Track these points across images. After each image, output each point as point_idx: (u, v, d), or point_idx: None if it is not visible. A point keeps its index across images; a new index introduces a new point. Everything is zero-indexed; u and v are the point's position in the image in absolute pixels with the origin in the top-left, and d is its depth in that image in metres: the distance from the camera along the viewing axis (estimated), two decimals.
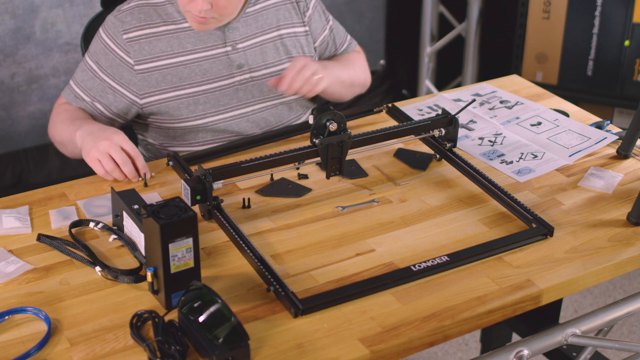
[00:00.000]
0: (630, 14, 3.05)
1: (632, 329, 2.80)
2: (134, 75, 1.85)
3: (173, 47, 1.87)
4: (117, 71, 1.85)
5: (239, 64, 1.91)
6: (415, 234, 1.57)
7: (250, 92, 1.93)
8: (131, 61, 1.85)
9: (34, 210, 1.65)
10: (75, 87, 1.89)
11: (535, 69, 3.32)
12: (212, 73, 1.89)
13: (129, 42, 1.84)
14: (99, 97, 1.87)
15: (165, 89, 1.87)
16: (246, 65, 1.91)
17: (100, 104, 1.87)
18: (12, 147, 3.05)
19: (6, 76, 2.94)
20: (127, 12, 1.86)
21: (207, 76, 1.89)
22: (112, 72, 1.86)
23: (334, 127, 1.62)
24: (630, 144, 1.82)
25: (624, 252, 1.52)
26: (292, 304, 1.35)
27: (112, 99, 1.87)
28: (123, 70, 1.85)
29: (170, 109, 1.89)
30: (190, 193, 1.53)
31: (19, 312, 1.36)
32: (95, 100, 1.87)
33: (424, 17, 3.62)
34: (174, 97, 1.88)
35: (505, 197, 1.63)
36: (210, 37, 1.89)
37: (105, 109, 1.88)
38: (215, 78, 1.90)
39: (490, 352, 1.43)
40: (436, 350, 2.71)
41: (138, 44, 1.85)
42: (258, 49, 1.93)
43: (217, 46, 1.89)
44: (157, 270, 1.35)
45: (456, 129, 1.78)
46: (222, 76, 1.90)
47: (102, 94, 1.87)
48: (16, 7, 2.88)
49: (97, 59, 1.87)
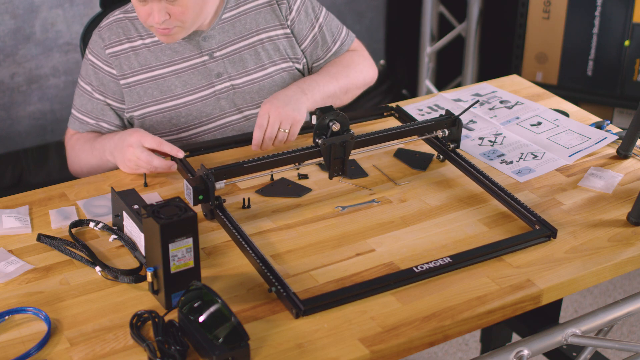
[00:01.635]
0: (630, 14, 3.05)
1: (632, 329, 2.80)
2: (121, 88, 1.87)
3: (150, 61, 1.87)
4: (109, 87, 1.87)
5: (217, 73, 1.88)
6: (415, 234, 1.57)
7: (232, 101, 1.91)
8: (117, 74, 1.86)
9: (34, 210, 1.65)
10: (78, 113, 1.91)
11: (535, 69, 3.32)
12: (191, 84, 1.88)
13: (111, 57, 1.86)
14: (102, 117, 1.89)
15: (147, 102, 1.87)
16: (225, 73, 1.89)
17: (105, 122, 1.89)
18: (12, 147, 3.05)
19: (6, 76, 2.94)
20: (105, 28, 1.87)
21: (187, 87, 1.88)
22: (104, 90, 1.87)
23: (336, 128, 1.62)
24: (630, 144, 1.82)
25: (624, 252, 1.52)
26: (293, 305, 1.35)
27: (112, 115, 1.89)
28: (113, 85, 1.87)
29: (154, 122, 1.89)
30: (193, 193, 1.54)
31: (19, 312, 1.36)
32: (99, 120, 1.89)
33: (424, 17, 3.62)
34: (156, 111, 1.88)
35: (508, 198, 1.63)
36: (185, 48, 1.87)
37: (111, 125, 1.89)
38: (196, 89, 1.88)
39: (490, 352, 1.43)
40: (436, 350, 2.71)
41: (118, 59, 1.86)
42: (237, 55, 1.90)
43: (193, 57, 1.88)
44: (157, 270, 1.35)
45: (459, 129, 1.78)
46: (202, 86, 1.89)
47: (102, 113, 1.89)
48: (16, 7, 2.88)
49: (89, 81, 1.89)
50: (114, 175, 1.76)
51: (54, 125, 3.09)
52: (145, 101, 1.87)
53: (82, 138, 1.88)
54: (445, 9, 3.67)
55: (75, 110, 1.91)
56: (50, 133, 3.10)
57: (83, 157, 1.86)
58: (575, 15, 3.16)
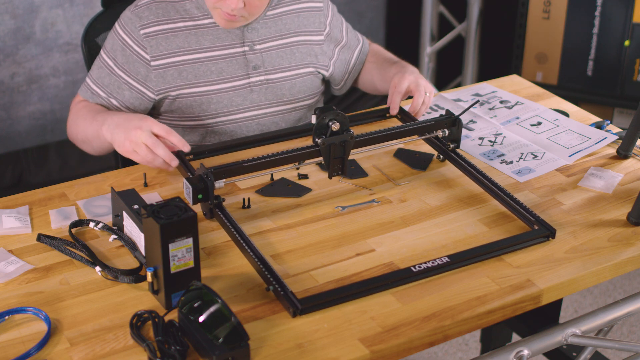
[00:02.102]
0: (630, 14, 3.05)
1: (632, 329, 2.80)
2: (150, 72, 1.85)
3: (190, 44, 1.86)
4: (134, 67, 1.85)
5: (255, 65, 1.90)
6: (415, 234, 1.57)
7: (264, 95, 1.93)
8: (148, 57, 1.84)
9: (34, 210, 1.65)
10: (92, 83, 1.89)
11: (535, 69, 3.32)
12: (227, 72, 1.89)
13: (146, 38, 1.83)
14: (115, 94, 1.87)
15: (180, 85, 1.86)
16: (262, 67, 1.91)
17: (116, 100, 1.87)
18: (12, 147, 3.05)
19: (6, 76, 2.94)
20: (144, 7, 1.85)
21: (223, 75, 1.88)
22: (128, 69, 1.85)
23: (336, 127, 1.62)
24: (630, 144, 1.82)
25: (624, 252, 1.52)
26: (291, 304, 1.35)
27: (128, 95, 1.86)
28: (140, 66, 1.85)
29: (183, 105, 1.88)
30: (192, 191, 1.54)
31: (19, 312, 1.36)
32: (111, 96, 1.87)
33: (424, 17, 3.62)
34: (188, 95, 1.87)
35: (508, 198, 1.63)
36: (228, 36, 1.88)
37: (120, 104, 1.87)
38: (231, 77, 1.89)
39: (490, 352, 1.43)
40: (436, 350, 2.71)
41: (155, 40, 1.84)
42: (275, 52, 1.92)
43: (234, 45, 1.89)
44: (157, 270, 1.35)
45: (459, 129, 1.78)
46: (237, 76, 1.90)
47: (118, 90, 1.86)
48: (16, 7, 2.88)
49: (114, 55, 1.86)
50: (114, 175, 1.76)
51: (54, 125, 3.09)
52: (179, 83, 1.86)
53: (89, 106, 1.86)
54: (445, 9, 3.67)
55: (91, 81, 1.89)
56: (50, 133, 3.10)
57: (81, 123, 1.83)
58: (575, 15, 3.16)
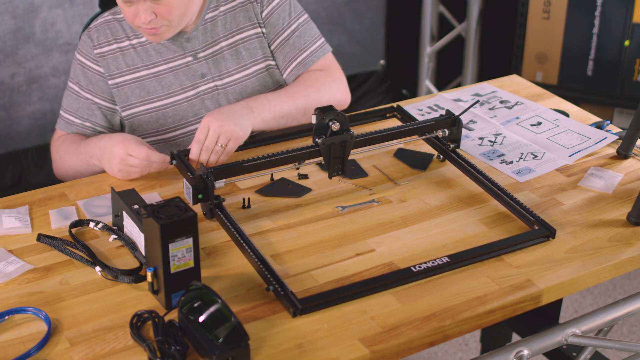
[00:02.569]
0: (630, 14, 3.05)
1: (632, 329, 2.80)
2: (111, 88, 1.88)
3: (136, 62, 1.88)
4: (98, 86, 1.88)
5: (201, 74, 1.89)
6: (415, 234, 1.57)
7: (217, 101, 1.91)
8: (105, 74, 1.88)
9: (34, 210, 1.65)
10: (64, 113, 1.92)
11: (535, 69, 3.32)
12: (176, 85, 1.89)
13: (99, 57, 1.88)
14: (87, 116, 1.89)
15: (135, 103, 1.89)
16: (209, 74, 1.90)
17: (90, 122, 1.90)
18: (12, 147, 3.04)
19: (6, 76, 2.94)
20: (94, 29, 1.90)
21: (172, 88, 1.89)
22: (93, 89, 1.88)
23: (336, 127, 1.62)
24: (630, 144, 1.82)
25: (624, 252, 1.52)
26: (290, 304, 1.35)
27: (99, 115, 1.89)
28: (102, 84, 1.88)
29: (142, 122, 1.90)
30: (192, 191, 1.54)
31: (19, 312, 1.36)
32: (85, 120, 1.90)
33: (424, 17, 3.62)
34: (143, 112, 1.89)
35: (508, 198, 1.63)
36: (170, 49, 1.88)
37: (96, 125, 1.90)
38: (180, 90, 1.89)
39: (490, 352, 1.43)
40: (436, 350, 2.71)
41: (106, 60, 1.87)
42: (220, 56, 1.90)
43: (177, 57, 1.89)
44: (157, 270, 1.35)
45: (459, 129, 1.78)
46: (186, 87, 1.89)
47: (89, 112, 1.89)
48: (16, 7, 2.88)
49: (78, 80, 1.90)
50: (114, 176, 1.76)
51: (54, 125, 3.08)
52: (133, 101, 1.88)
53: (68, 140, 1.88)
54: (445, 9, 3.67)
55: (63, 110, 1.93)
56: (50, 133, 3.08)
57: (68, 159, 1.85)
58: (575, 15, 3.16)
